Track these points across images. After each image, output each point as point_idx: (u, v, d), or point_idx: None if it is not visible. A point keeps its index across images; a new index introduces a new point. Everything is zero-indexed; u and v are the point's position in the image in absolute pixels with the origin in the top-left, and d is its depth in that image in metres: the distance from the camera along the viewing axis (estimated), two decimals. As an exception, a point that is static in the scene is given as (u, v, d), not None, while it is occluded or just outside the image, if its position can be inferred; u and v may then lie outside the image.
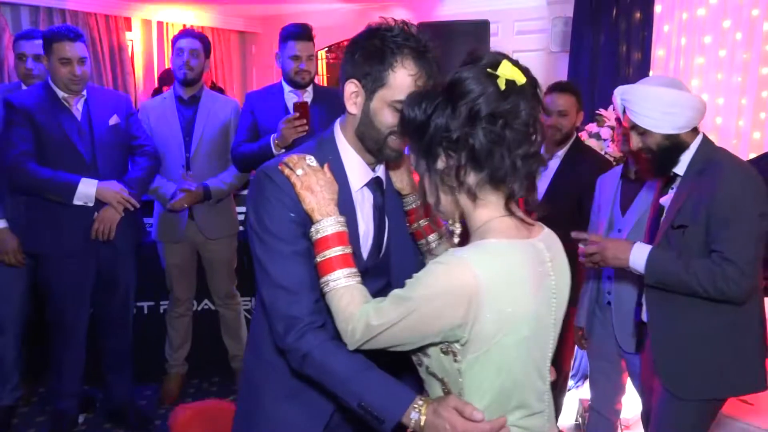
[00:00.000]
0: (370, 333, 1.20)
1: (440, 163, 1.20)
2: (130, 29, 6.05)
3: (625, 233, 2.36)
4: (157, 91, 5.18)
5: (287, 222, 1.34)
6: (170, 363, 3.52)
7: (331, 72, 7.15)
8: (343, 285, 1.26)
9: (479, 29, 3.75)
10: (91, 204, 2.80)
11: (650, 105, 1.89)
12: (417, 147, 1.23)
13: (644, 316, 2.08)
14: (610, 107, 3.54)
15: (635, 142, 1.97)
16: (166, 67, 5.82)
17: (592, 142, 3.42)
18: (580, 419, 3.19)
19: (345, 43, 1.57)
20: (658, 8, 4.05)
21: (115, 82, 5.80)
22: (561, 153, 2.91)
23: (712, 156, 1.92)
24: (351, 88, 1.37)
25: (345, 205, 1.39)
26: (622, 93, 1.98)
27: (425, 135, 1.19)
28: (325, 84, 6.51)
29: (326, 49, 6.72)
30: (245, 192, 3.54)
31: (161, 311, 3.61)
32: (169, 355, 3.51)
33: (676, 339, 1.96)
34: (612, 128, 3.37)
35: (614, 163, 3.21)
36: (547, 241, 1.26)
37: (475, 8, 4.56)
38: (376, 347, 1.23)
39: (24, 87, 3.08)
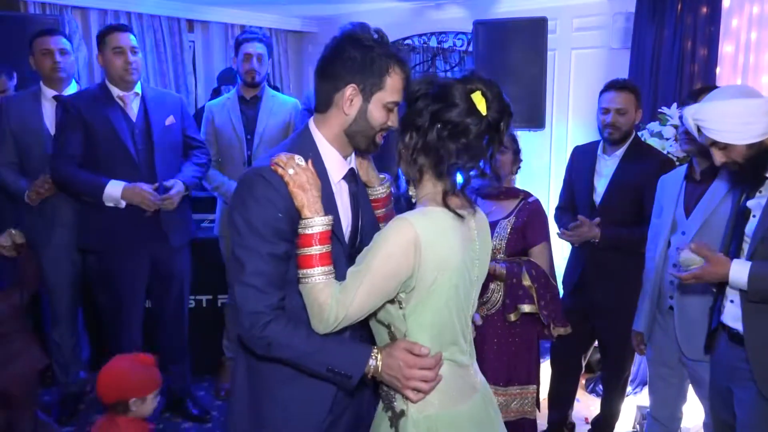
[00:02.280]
0: (342, 312, 1.40)
1: (407, 138, 1.49)
2: (191, 30, 6.23)
3: (689, 236, 2.28)
4: (216, 91, 5.32)
5: (273, 221, 1.43)
6: (228, 356, 3.61)
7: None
8: (320, 281, 1.42)
9: (537, 26, 3.70)
10: (122, 206, 2.84)
11: (726, 120, 1.83)
12: (401, 120, 1.52)
13: (729, 320, 1.99)
14: (674, 105, 3.43)
15: (718, 157, 1.91)
16: (225, 66, 5.96)
17: (654, 141, 3.32)
18: (638, 426, 3.11)
19: (401, 41, 1.69)
20: (726, 2, 3.89)
21: (176, 81, 5.98)
22: (620, 152, 2.84)
23: None
24: (350, 91, 1.51)
25: (327, 197, 1.52)
26: (693, 113, 1.92)
27: (408, 112, 1.50)
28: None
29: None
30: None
31: (219, 305, 3.70)
32: (227, 347, 3.61)
33: None
34: (675, 126, 3.26)
35: (677, 163, 3.11)
36: (477, 217, 1.56)
37: (532, 5, 4.48)
38: (349, 323, 1.43)
39: (49, 82, 3.14)
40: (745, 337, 1.91)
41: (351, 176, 1.63)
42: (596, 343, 3.08)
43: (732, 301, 1.97)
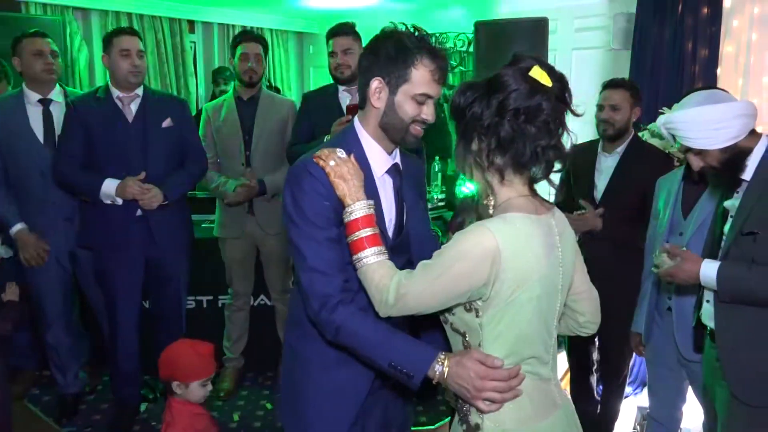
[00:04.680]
0: (403, 298, 1.38)
1: (474, 145, 1.39)
2: (192, 31, 6.25)
3: (687, 237, 2.29)
4: (215, 82, 5.35)
5: (322, 209, 1.51)
6: (227, 356, 3.62)
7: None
8: (374, 261, 1.44)
9: (538, 27, 3.70)
10: (119, 203, 2.88)
11: (696, 127, 1.86)
12: (458, 128, 1.43)
13: (706, 319, 2.02)
14: (675, 105, 3.43)
15: (695, 162, 1.94)
16: (219, 65, 5.97)
17: (655, 142, 3.33)
18: (638, 427, 3.11)
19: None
20: (727, 3, 3.90)
21: (177, 83, 6.00)
22: (620, 150, 2.88)
23: None
24: (375, 84, 1.55)
25: (370, 191, 1.56)
26: (664, 123, 1.96)
27: (464, 119, 1.40)
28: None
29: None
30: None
31: (219, 305, 3.71)
32: (227, 348, 3.61)
33: (745, 345, 1.89)
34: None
35: (677, 163, 3.11)
36: (558, 219, 1.47)
37: (534, 6, 4.49)
38: (407, 313, 1.41)
39: (35, 84, 3.09)
40: (716, 336, 1.94)
41: (395, 171, 1.67)
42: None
43: (708, 301, 2.00)
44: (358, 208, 1.48)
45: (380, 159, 1.63)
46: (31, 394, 3.50)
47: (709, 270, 1.88)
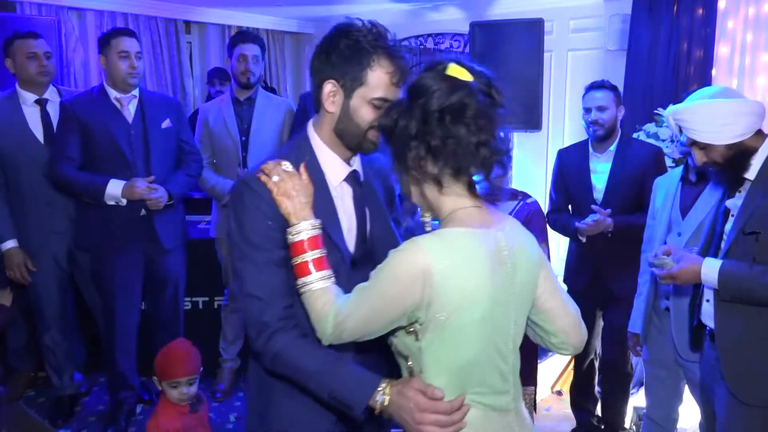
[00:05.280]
0: (341, 325, 1.30)
1: (408, 160, 1.30)
2: (189, 32, 6.23)
3: (685, 237, 2.30)
4: (210, 83, 5.33)
5: (264, 230, 1.40)
6: (224, 357, 3.61)
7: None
8: (318, 287, 1.34)
9: (534, 28, 3.70)
10: (123, 204, 2.86)
11: (705, 120, 1.86)
12: (391, 150, 1.35)
13: (706, 319, 2.02)
14: (670, 106, 3.44)
15: (699, 157, 1.93)
16: (215, 66, 5.95)
17: (651, 142, 3.34)
18: (634, 427, 3.11)
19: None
20: (722, 4, 3.91)
21: (174, 83, 5.98)
22: (612, 148, 2.92)
23: None
24: (329, 88, 1.43)
25: (326, 201, 1.47)
26: (673, 114, 1.96)
27: (393, 137, 1.32)
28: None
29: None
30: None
31: (215, 306, 3.70)
32: (224, 349, 3.61)
33: (744, 344, 1.90)
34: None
35: (672, 164, 3.13)
36: (507, 231, 1.34)
37: (529, 6, 4.49)
38: (349, 339, 1.32)
39: (29, 85, 3.06)
40: (716, 335, 1.94)
41: (353, 179, 1.54)
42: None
43: (708, 300, 2.00)
44: (302, 229, 1.37)
45: (336, 167, 1.50)
46: (27, 395, 3.49)
47: (710, 268, 1.88)
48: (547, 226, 3.00)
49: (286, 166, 1.42)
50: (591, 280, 2.96)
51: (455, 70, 1.28)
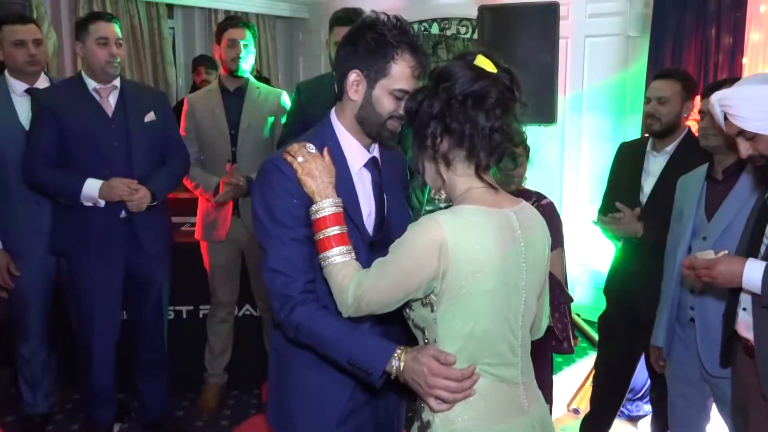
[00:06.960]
0: (361, 297, 1.49)
1: (427, 139, 1.51)
2: (171, 17, 6.23)
3: (711, 241, 2.27)
4: (196, 73, 5.35)
5: (290, 208, 1.62)
6: (209, 372, 3.61)
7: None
8: (339, 261, 1.55)
9: (548, 12, 3.71)
10: (101, 205, 2.84)
11: (755, 107, 1.82)
12: (413, 132, 1.55)
13: (742, 330, 1.99)
14: (696, 98, 3.43)
15: (744, 148, 1.90)
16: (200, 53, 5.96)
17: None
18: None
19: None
20: (753, -14, 3.92)
21: (155, 72, 5.98)
22: (670, 149, 2.82)
23: None
24: (353, 77, 1.65)
25: (346, 185, 1.68)
26: (719, 99, 1.91)
27: (416, 119, 1.52)
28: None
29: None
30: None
31: (201, 316, 3.70)
32: (209, 362, 3.60)
33: None
34: (698, 118, 3.25)
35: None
36: (520, 213, 1.54)
37: (543, -11, 4.51)
38: (368, 311, 1.52)
39: (18, 74, 3.07)
40: (755, 347, 1.91)
41: (373, 165, 1.76)
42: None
43: (745, 309, 1.96)
44: (326, 206, 1.58)
45: (357, 152, 1.73)
46: (-7, 413, 3.48)
47: (755, 270, 1.84)
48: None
49: (311, 147, 1.64)
50: (621, 297, 2.91)
51: (482, 61, 1.48)
